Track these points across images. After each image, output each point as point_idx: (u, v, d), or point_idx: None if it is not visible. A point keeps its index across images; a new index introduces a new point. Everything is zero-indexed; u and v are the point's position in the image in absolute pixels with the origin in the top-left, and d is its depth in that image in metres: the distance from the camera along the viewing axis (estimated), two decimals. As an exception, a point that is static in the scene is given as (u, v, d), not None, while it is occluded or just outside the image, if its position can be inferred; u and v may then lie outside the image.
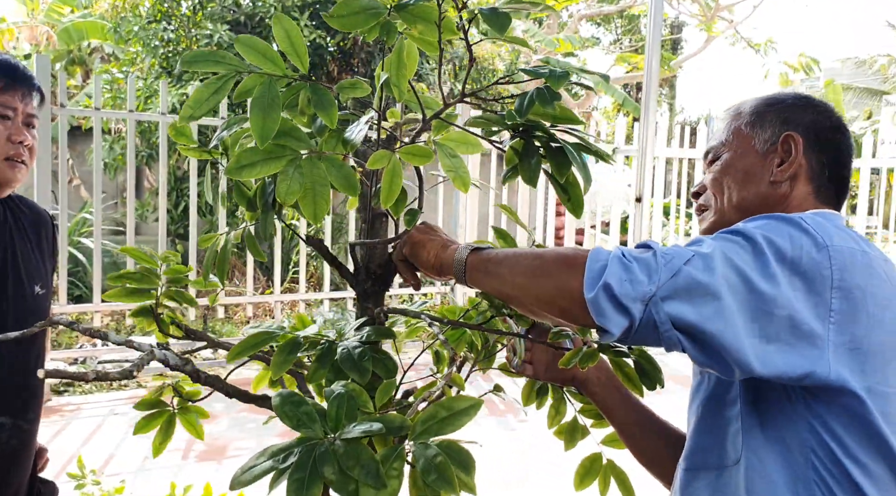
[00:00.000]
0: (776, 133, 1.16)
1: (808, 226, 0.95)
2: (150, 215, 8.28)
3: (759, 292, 0.89)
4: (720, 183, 1.19)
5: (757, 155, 1.17)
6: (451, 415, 0.87)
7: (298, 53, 0.92)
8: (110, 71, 8.36)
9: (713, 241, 0.93)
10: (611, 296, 0.89)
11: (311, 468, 0.80)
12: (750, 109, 1.21)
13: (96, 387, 5.23)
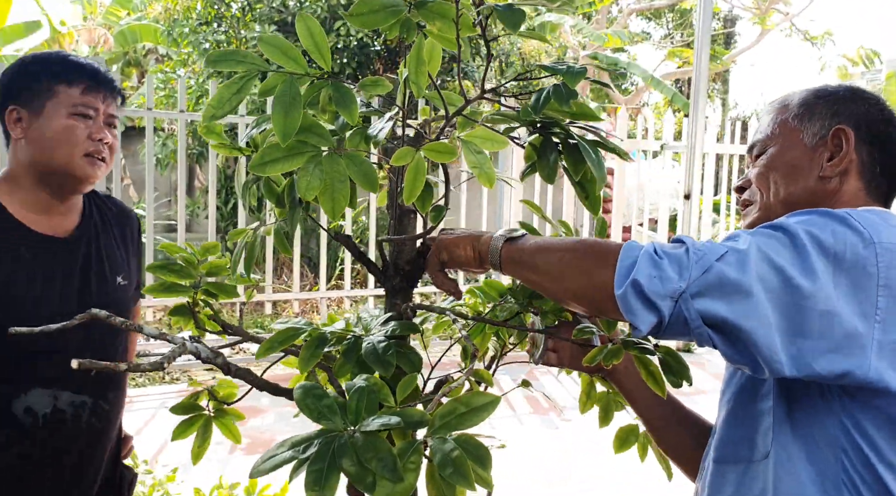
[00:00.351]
0: (826, 126, 1.12)
1: (855, 221, 0.92)
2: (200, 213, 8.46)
3: (796, 287, 0.87)
4: (766, 177, 1.15)
5: (805, 149, 1.13)
6: (470, 410, 0.88)
7: (321, 51, 0.93)
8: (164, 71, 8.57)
9: (750, 235, 0.91)
10: (639, 293, 0.88)
11: (329, 459, 0.81)
12: (798, 101, 1.17)
13: (149, 380, 5.37)
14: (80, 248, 1.61)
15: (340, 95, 0.93)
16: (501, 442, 4.31)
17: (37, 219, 1.55)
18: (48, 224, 1.57)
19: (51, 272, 1.54)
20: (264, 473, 0.84)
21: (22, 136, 1.53)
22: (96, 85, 1.56)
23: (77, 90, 1.53)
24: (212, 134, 1.07)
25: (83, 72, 1.57)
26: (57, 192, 1.57)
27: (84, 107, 1.53)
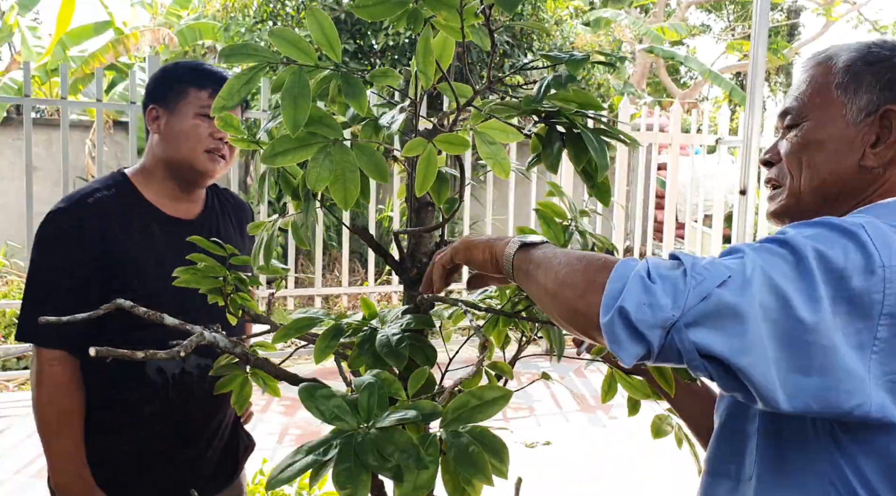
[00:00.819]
0: (874, 102, 0.97)
1: (868, 238, 0.81)
2: (254, 207, 8.60)
3: (799, 320, 0.77)
4: (797, 158, 1.02)
5: (847, 127, 0.99)
6: (482, 403, 0.87)
7: (331, 44, 0.93)
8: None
9: (755, 254, 0.81)
10: (626, 323, 0.79)
11: (354, 458, 0.79)
12: (844, 65, 1.01)
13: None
14: (203, 230, 1.75)
15: (349, 86, 0.93)
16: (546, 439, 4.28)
17: (167, 204, 1.74)
18: (177, 209, 1.75)
19: (178, 248, 1.63)
20: (283, 483, 0.83)
21: (157, 132, 1.72)
22: (218, 87, 1.68)
23: (205, 93, 1.68)
24: (229, 127, 1.09)
25: (212, 77, 1.73)
26: (183, 184, 1.74)
27: (209, 108, 1.65)
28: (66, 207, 1.63)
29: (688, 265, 0.80)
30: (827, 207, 1.00)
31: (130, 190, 1.71)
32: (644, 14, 16.74)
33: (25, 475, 3.69)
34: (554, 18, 9.03)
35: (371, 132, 1.00)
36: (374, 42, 8.09)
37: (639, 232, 7.21)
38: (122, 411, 1.66)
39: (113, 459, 1.68)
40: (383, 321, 1.14)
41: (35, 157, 8.66)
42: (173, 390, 1.69)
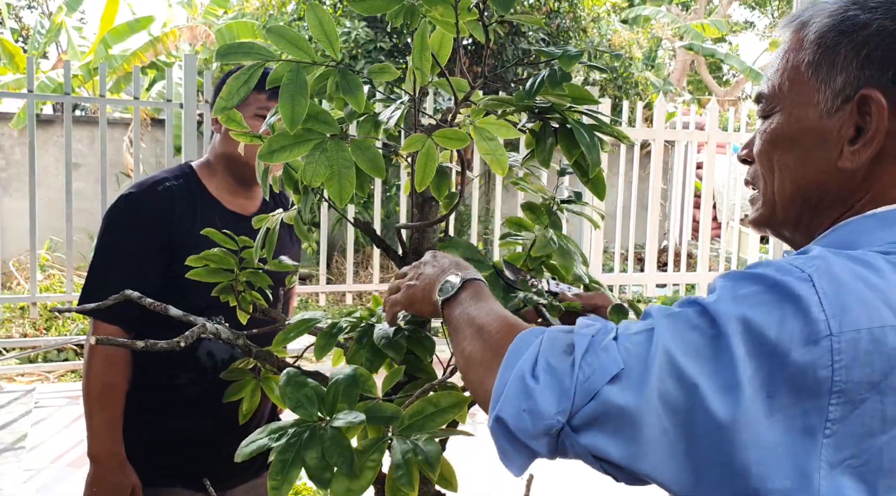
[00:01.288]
0: (851, 84, 0.78)
1: (816, 299, 0.66)
2: (290, 205, 8.68)
3: (710, 413, 0.65)
4: (768, 158, 0.85)
5: (820, 118, 0.80)
6: (438, 410, 0.88)
7: (330, 40, 0.94)
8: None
9: (665, 327, 0.69)
10: (506, 433, 0.71)
11: (295, 451, 0.82)
12: (815, 37, 0.81)
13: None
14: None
15: (347, 82, 0.94)
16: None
17: (228, 199, 1.81)
18: (236, 204, 1.82)
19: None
20: (246, 457, 0.87)
21: (219, 131, 1.80)
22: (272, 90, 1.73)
23: (263, 96, 1.74)
24: (232, 122, 1.10)
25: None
26: (240, 180, 1.81)
27: (265, 109, 1.73)
28: (137, 192, 1.72)
29: (579, 352, 0.69)
30: (809, 217, 0.84)
31: (196, 182, 1.80)
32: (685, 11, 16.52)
33: (62, 464, 3.78)
34: (591, 15, 8.96)
35: (370, 127, 1.01)
36: (409, 40, 8.11)
37: (675, 233, 7.12)
38: (172, 391, 1.74)
39: (160, 438, 1.75)
40: (380, 317, 1.15)
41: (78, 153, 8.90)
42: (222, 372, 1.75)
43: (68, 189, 4.92)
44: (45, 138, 8.87)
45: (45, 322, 6.30)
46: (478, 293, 0.91)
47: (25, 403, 4.62)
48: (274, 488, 0.81)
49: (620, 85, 9.28)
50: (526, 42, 8.27)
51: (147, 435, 1.75)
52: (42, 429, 4.20)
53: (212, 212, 1.75)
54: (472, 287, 0.93)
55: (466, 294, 0.91)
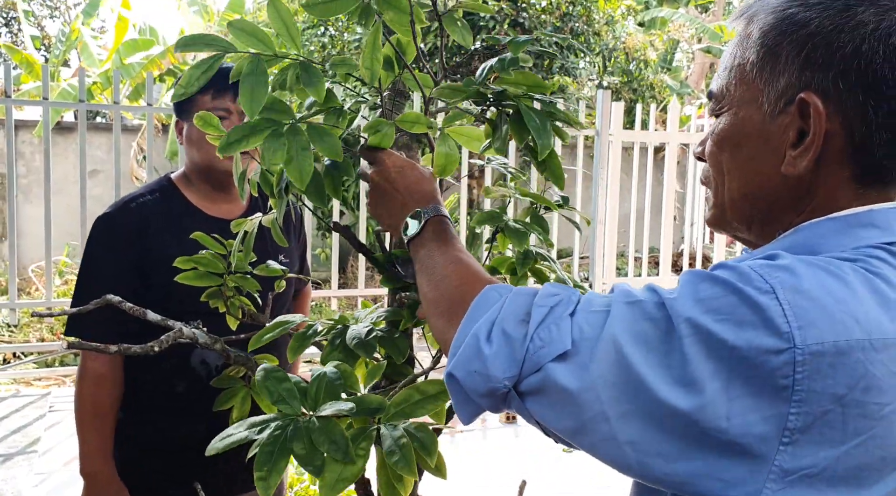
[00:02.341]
0: (793, 85, 0.75)
1: (780, 310, 0.65)
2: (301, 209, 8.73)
3: (657, 406, 0.65)
4: (717, 159, 0.83)
5: (763, 121, 0.77)
6: (424, 398, 0.88)
7: (291, 34, 0.94)
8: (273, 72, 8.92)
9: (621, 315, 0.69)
10: (457, 389, 0.75)
11: (281, 442, 0.82)
12: (759, 34, 0.78)
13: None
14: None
15: (308, 75, 0.94)
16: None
17: (209, 205, 1.81)
18: (218, 210, 1.81)
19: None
20: (219, 451, 0.86)
21: (182, 142, 1.82)
22: (225, 86, 1.73)
23: (208, 96, 1.73)
24: (209, 126, 1.10)
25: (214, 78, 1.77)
26: (215, 185, 1.81)
27: (215, 110, 1.71)
28: (110, 212, 1.75)
29: (534, 322, 0.71)
30: (760, 220, 0.82)
31: (175, 193, 1.81)
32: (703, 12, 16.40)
33: (73, 467, 3.81)
34: (605, 18, 8.93)
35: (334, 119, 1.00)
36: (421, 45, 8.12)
37: (689, 234, 7.06)
38: (166, 399, 1.75)
39: (156, 446, 1.76)
40: (357, 320, 1.15)
41: (97, 160, 9.02)
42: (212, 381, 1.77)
43: (83, 195, 4.97)
44: (65, 145, 8.99)
45: (61, 326, 6.37)
46: (440, 234, 0.96)
47: (40, 407, 4.68)
48: (261, 478, 0.80)
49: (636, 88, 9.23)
50: (538, 45, 8.26)
51: (141, 443, 1.76)
52: (55, 433, 4.25)
53: (192, 220, 1.76)
54: (435, 226, 0.97)
55: (430, 234, 0.96)
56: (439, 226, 0.97)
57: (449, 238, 0.95)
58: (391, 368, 1.11)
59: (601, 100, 6.01)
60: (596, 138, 6.08)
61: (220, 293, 1.41)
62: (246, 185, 1.15)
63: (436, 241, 0.95)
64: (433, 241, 0.95)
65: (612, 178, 6.15)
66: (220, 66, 1.83)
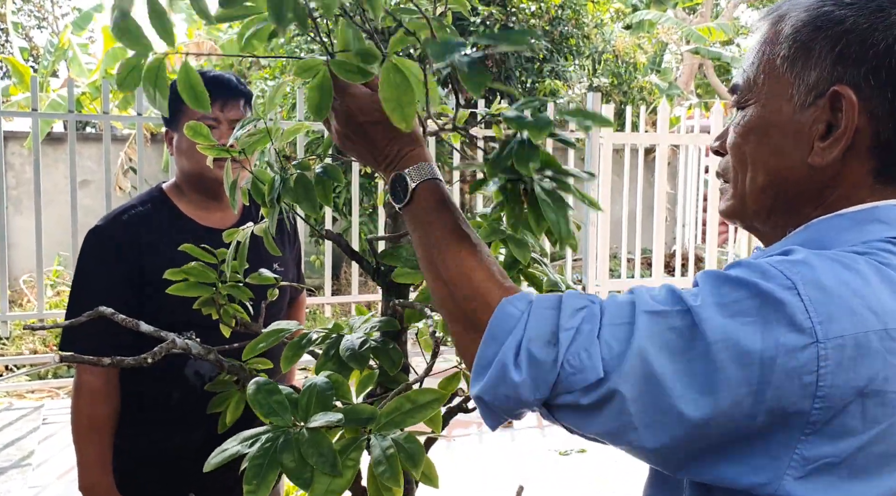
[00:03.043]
0: (825, 80, 0.78)
1: (801, 305, 0.66)
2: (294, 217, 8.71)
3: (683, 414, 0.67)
4: (740, 151, 0.84)
5: (793, 113, 0.80)
6: (415, 407, 0.88)
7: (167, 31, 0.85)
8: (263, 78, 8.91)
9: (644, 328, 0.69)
10: (485, 406, 0.75)
11: (270, 455, 0.82)
12: (791, 31, 0.80)
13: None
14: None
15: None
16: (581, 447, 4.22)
17: (201, 214, 1.80)
18: (210, 219, 1.80)
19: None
20: (215, 466, 0.86)
21: (172, 152, 1.81)
22: (214, 94, 1.73)
23: None
24: (198, 136, 1.10)
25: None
26: (206, 194, 1.80)
27: (203, 119, 1.69)
28: (102, 225, 1.74)
29: (563, 346, 0.71)
30: (781, 211, 0.84)
31: (167, 203, 1.80)
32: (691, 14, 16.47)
33: (67, 480, 3.79)
34: (594, 21, 8.95)
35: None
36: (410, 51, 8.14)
37: (680, 235, 7.08)
38: (162, 410, 1.74)
39: (152, 457, 1.76)
40: (352, 329, 1.14)
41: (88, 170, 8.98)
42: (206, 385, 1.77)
43: (73, 205, 4.95)
44: (55, 156, 8.95)
45: (54, 338, 6.33)
46: (437, 203, 0.88)
47: (33, 420, 4.65)
48: (250, 492, 0.80)
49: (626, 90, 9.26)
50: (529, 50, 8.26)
51: (137, 454, 1.76)
52: (49, 446, 4.22)
53: (184, 230, 1.75)
54: (426, 193, 0.88)
55: (423, 204, 0.88)
56: (432, 193, 0.89)
57: (446, 208, 0.88)
58: (384, 376, 1.10)
59: (591, 103, 6.02)
60: (587, 141, 6.10)
61: (213, 302, 1.41)
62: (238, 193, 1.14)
63: (433, 214, 0.87)
64: (430, 214, 0.87)
65: (603, 181, 6.17)
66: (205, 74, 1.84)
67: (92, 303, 1.67)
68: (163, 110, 0.87)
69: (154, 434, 1.76)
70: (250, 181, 1.12)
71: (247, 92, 1.82)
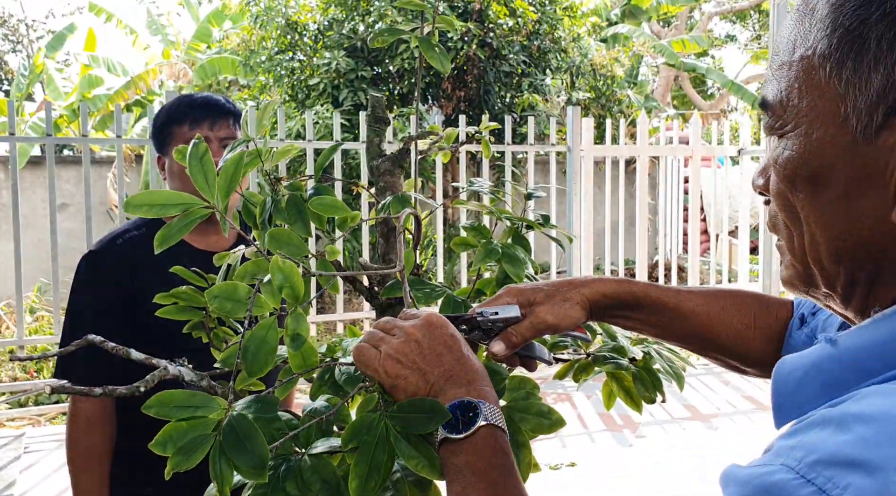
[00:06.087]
0: (894, 86, 0.49)
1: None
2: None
3: None
4: (788, 202, 0.58)
5: (853, 143, 0.51)
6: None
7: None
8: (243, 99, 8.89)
9: None
10: None
11: (273, 483, 0.81)
12: (829, 18, 0.52)
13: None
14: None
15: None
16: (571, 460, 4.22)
17: (196, 238, 1.77)
18: (206, 242, 1.78)
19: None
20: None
21: (165, 178, 1.80)
22: (201, 115, 1.73)
23: (185, 126, 1.71)
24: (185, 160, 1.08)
25: (187, 108, 1.76)
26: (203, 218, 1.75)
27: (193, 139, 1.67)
28: (96, 250, 1.72)
29: None
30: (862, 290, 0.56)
31: (161, 227, 1.77)
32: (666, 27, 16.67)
33: (51, 509, 3.72)
34: (571, 35, 9.03)
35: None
36: (390, 67, 8.16)
37: (662, 246, 7.12)
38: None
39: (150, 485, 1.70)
40: (346, 351, 1.13)
41: (66, 193, 8.90)
42: None
43: (53, 230, 4.90)
44: (32, 180, 8.86)
45: (34, 365, 6.24)
46: (493, 451, 0.70)
47: (15, 449, 4.56)
48: None
49: (604, 103, 9.33)
50: (507, 65, 8.32)
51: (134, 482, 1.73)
52: (32, 475, 4.14)
53: (179, 254, 1.71)
54: (486, 437, 0.71)
55: (478, 446, 0.70)
56: (492, 439, 0.71)
57: (503, 456, 0.71)
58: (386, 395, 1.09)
59: (571, 116, 6.06)
60: (568, 154, 6.13)
61: (203, 325, 1.39)
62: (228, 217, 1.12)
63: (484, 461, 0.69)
64: (481, 461, 0.70)
65: (585, 193, 6.20)
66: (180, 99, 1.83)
67: (87, 329, 1.66)
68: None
69: (151, 461, 1.74)
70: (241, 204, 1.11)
71: (235, 111, 1.82)
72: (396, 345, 0.79)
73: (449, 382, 0.75)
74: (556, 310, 0.89)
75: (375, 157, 1.24)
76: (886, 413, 0.42)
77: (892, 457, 0.40)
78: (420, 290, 1.06)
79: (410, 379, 0.76)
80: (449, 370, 0.76)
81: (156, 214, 0.92)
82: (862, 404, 0.44)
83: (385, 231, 1.21)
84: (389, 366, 0.78)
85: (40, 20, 21.80)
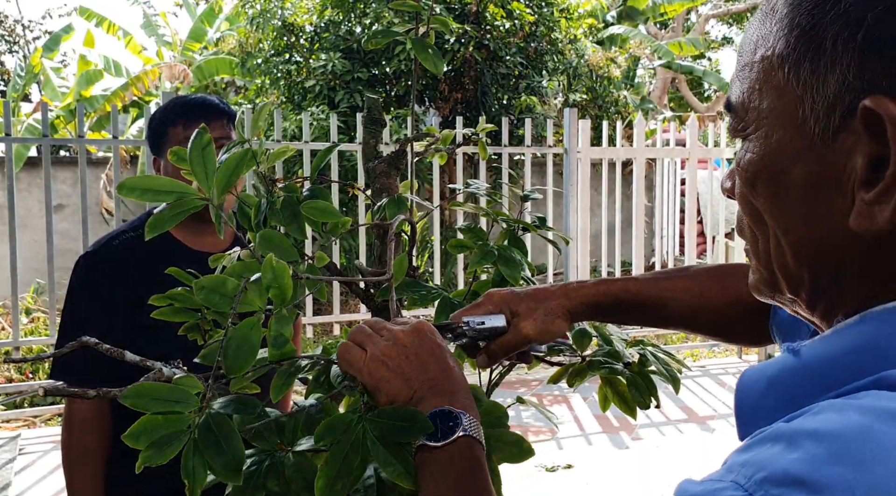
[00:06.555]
0: (852, 88, 0.47)
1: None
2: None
3: None
4: (751, 206, 0.56)
5: (811, 147, 0.50)
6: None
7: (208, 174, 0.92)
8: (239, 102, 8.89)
9: None
10: None
11: (255, 480, 0.81)
12: (788, 15, 0.51)
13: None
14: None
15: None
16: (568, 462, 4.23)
17: (193, 239, 1.78)
18: (202, 243, 1.79)
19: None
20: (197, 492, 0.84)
21: (159, 173, 1.79)
22: (196, 116, 1.74)
23: (179, 127, 1.71)
24: (183, 161, 1.08)
25: (182, 109, 1.77)
26: (197, 219, 1.74)
27: (187, 140, 1.67)
28: (93, 252, 1.73)
29: None
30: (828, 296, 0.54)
31: None
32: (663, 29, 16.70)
33: (46, 511, 3.71)
34: (567, 37, 9.04)
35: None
36: (387, 69, 8.16)
37: (658, 248, 7.13)
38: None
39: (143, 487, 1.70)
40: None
41: (63, 194, 8.89)
42: None
43: (49, 230, 4.89)
44: (29, 181, 8.85)
45: (30, 366, 6.22)
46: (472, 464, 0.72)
47: (10, 451, 4.55)
48: None
49: (601, 105, 9.34)
50: (504, 67, 8.32)
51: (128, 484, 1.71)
52: (26, 476, 4.13)
53: (175, 255, 1.73)
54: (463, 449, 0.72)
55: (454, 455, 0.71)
56: (469, 450, 0.72)
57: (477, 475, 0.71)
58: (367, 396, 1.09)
59: (568, 118, 6.07)
60: (564, 156, 6.13)
61: (198, 327, 1.38)
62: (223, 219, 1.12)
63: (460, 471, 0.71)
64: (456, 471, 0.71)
65: (582, 195, 6.20)
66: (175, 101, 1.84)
67: (83, 330, 1.66)
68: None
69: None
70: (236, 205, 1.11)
71: (230, 111, 1.82)
72: (384, 347, 0.79)
73: (432, 391, 0.75)
74: (539, 325, 0.92)
75: (372, 158, 1.24)
76: (837, 430, 0.41)
77: (839, 477, 0.39)
78: (416, 293, 1.06)
79: (394, 383, 0.76)
80: (433, 378, 0.76)
81: (149, 199, 0.92)
82: (815, 420, 0.43)
83: (381, 232, 1.21)
84: (374, 368, 0.78)
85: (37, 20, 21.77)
